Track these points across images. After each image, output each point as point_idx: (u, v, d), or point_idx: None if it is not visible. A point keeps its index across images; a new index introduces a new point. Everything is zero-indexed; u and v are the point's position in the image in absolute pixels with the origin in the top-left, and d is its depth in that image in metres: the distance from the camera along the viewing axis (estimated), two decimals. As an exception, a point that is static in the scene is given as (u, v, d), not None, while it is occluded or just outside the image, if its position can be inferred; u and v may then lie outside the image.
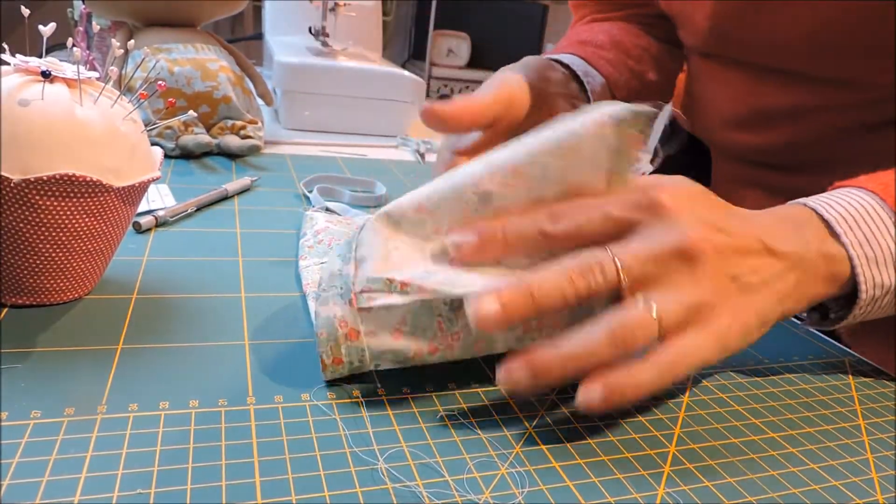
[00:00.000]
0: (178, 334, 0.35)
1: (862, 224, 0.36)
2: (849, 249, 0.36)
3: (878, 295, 0.36)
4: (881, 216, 0.36)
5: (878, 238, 0.36)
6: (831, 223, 0.36)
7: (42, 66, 0.34)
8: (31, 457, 0.26)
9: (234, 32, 2.68)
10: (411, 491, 0.26)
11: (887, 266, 0.36)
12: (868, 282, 0.36)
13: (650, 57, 0.63)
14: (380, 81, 0.90)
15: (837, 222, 0.36)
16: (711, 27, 0.53)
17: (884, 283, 0.36)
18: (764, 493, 0.29)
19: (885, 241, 0.36)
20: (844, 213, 0.36)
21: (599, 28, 0.64)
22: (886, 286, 0.36)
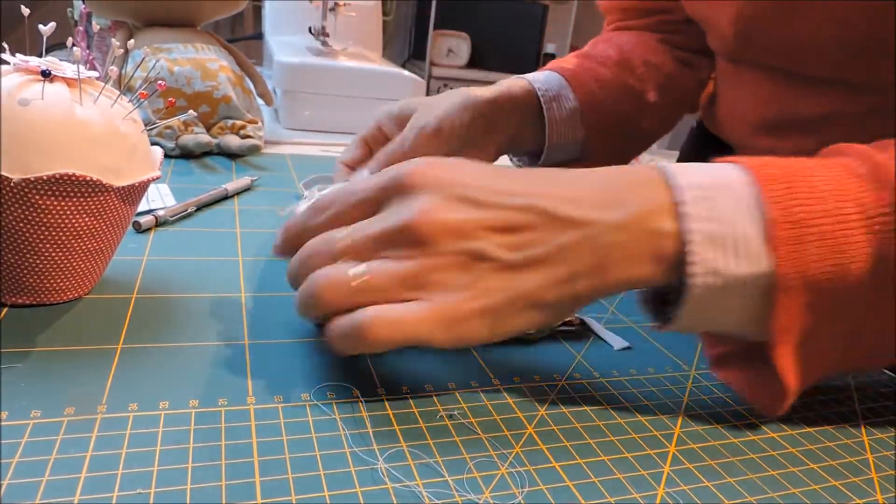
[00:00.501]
0: (178, 334, 0.35)
1: (715, 196, 0.30)
2: (688, 222, 0.30)
3: (716, 284, 0.30)
4: (744, 193, 0.30)
5: (728, 216, 0.30)
6: (676, 190, 0.31)
7: (42, 65, 0.34)
8: (30, 456, 0.26)
9: (234, 32, 2.68)
10: (411, 491, 0.26)
11: (736, 251, 0.29)
12: (703, 264, 0.29)
13: (661, 75, 0.62)
14: (380, 81, 0.90)
15: (685, 190, 0.31)
16: (736, 32, 0.52)
17: (722, 271, 0.29)
18: (764, 493, 0.29)
19: (741, 222, 0.30)
20: (699, 181, 0.31)
21: (618, 40, 0.64)
22: (729, 276, 0.29)
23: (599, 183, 0.32)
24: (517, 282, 0.30)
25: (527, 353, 0.38)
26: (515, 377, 0.36)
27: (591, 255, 0.30)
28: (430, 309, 0.29)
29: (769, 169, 0.31)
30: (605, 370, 0.37)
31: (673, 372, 0.38)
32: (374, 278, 0.30)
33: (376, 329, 0.29)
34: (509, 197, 0.31)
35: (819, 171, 0.31)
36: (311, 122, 0.89)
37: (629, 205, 0.31)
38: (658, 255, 0.30)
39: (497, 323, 0.30)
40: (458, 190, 0.31)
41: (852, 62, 0.47)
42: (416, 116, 0.50)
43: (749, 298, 0.30)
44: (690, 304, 0.30)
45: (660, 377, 0.37)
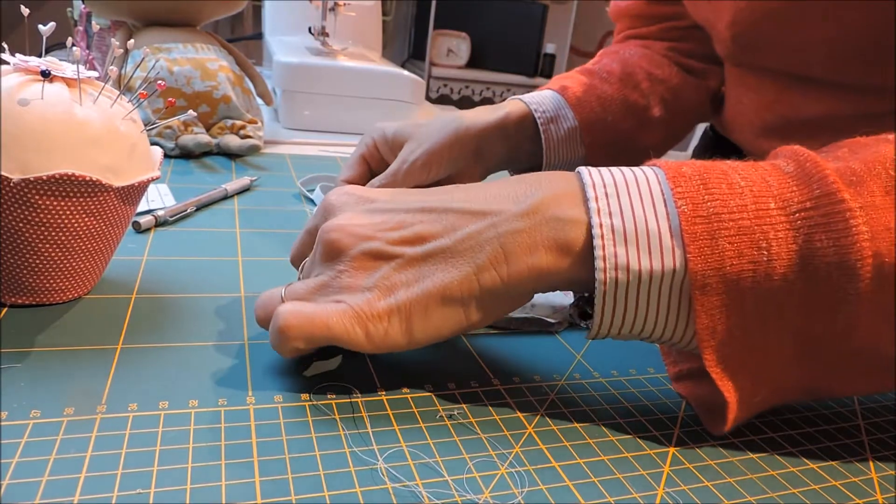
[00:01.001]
0: (178, 334, 0.35)
1: (623, 193, 0.30)
2: (592, 216, 0.29)
3: (625, 280, 0.29)
4: (652, 190, 0.30)
5: (636, 210, 0.29)
6: (585, 186, 0.31)
7: (42, 65, 0.34)
8: (30, 456, 0.25)
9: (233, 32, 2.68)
10: (411, 491, 0.26)
11: (645, 247, 0.29)
12: (608, 259, 0.29)
13: (666, 89, 0.61)
14: (379, 81, 0.90)
15: (593, 186, 0.30)
16: (733, 36, 0.52)
17: (630, 266, 0.29)
18: (764, 493, 0.29)
19: (648, 216, 0.29)
20: (609, 179, 0.31)
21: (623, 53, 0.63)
22: (635, 271, 0.29)
23: (509, 183, 0.33)
24: (419, 277, 0.31)
25: (527, 353, 0.38)
26: (515, 377, 0.36)
27: (492, 245, 0.30)
28: (340, 307, 0.31)
29: (682, 168, 0.30)
30: (604, 370, 0.37)
31: (673, 372, 0.38)
32: (297, 289, 0.33)
33: (290, 321, 0.30)
34: (410, 202, 0.33)
35: (741, 170, 0.30)
36: (311, 122, 0.89)
37: (533, 195, 0.31)
38: (561, 242, 0.30)
39: (410, 324, 0.31)
40: (365, 205, 0.34)
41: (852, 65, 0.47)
42: (408, 148, 0.51)
43: (665, 298, 0.29)
44: (602, 302, 0.30)
45: (659, 377, 0.37)
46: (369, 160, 0.54)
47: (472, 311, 0.31)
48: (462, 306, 0.31)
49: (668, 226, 0.29)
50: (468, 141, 0.52)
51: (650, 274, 0.29)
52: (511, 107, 0.55)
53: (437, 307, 0.31)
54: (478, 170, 0.54)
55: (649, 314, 0.30)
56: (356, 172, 0.54)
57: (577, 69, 0.63)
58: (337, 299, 0.31)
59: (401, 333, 0.31)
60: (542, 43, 3.23)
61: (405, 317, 0.31)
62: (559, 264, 0.30)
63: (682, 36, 0.65)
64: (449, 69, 3.08)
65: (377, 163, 0.53)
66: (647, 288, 0.29)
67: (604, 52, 0.66)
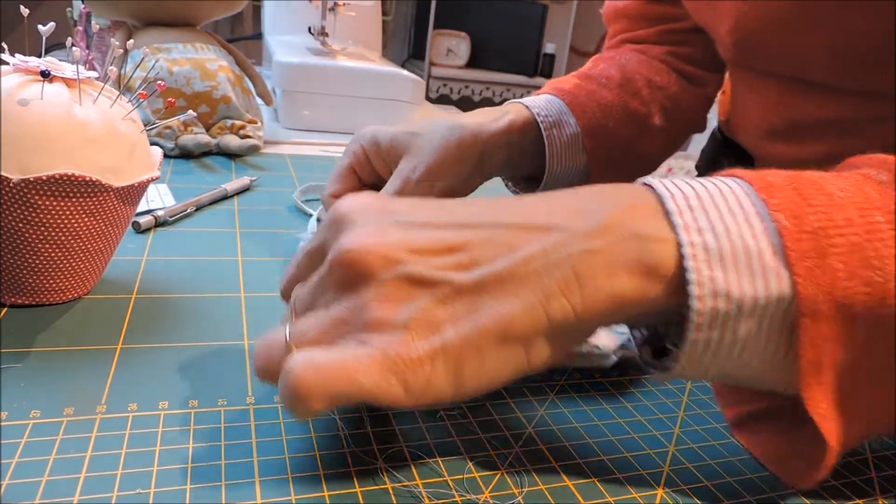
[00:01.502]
0: (178, 334, 0.35)
1: (711, 207, 0.25)
2: (679, 233, 0.25)
3: (725, 310, 0.24)
4: (742, 202, 0.25)
5: (730, 227, 0.25)
6: (664, 198, 0.26)
7: (41, 65, 0.34)
8: (30, 456, 0.25)
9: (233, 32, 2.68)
10: (411, 491, 0.26)
11: (739, 269, 0.24)
12: (705, 284, 0.24)
13: (665, 97, 0.60)
14: (379, 81, 0.90)
15: (673, 198, 0.26)
16: (734, 41, 0.51)
17: (731, 293, 0.24)
18: (763, 492, 0.29)
19: (742, 234, 0.25)
20: (690, 191, 0.26)
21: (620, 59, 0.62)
22: (736, 298, 0.24)
23: (565, 195, 0.28)
24: (471, 311, 0.25)
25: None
26: (515, 377, 0.36)
27: (562, 268, 0.25)
28: (370, 353, 0.24)
29: (770, 178, 0.26)
30: (605, 370, 0.37)
31: (673, 372, 0.38)
32: (307, 329, 0.26)
33: (306, 378, 0.23)
34: (449, 214, 0.27)
35: (832, 180, 0.26)
36: (311, 122, 0.89)
37: (604, 208, 0.26)
38: (646, 264, 0.25)
39: (460, 370, 0.24)
40: (388, 217, 0.27)
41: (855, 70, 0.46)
42: (409, 164, 0.46)
43: (765, 329, 0.25)
44: (694, 338, 0.25)
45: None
46: (359, 171, 0.49)
47: (535, 350, 0.25)
48: (524, 345, 0.25)
49: (768, 243, 0.24)
50: (473, 151, 0.49)
51: (753, 301, 0.24)
52: (515, 112, 0.53)
53: (493, 348, 0.25)
54: (479, 179, 0.52)
55: (745, 349, 0.25)
56: (344, 186, 0.48)
57: (574, 74, 0.61)
58: (362, 340, 0.25)
59: (447, 382, 0.24)
60: (542, 43, 3.23)
61: (453, 361, 0.24)
62: (644, 290, 0.25)
63: (681, 40, 0.64)
64: (449, 69, 3.08)
65: (368, 174, 0.49)
66: (746, 318, 0.24)
67: (599, 58, 0.64)
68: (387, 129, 0.48)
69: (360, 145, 0.48)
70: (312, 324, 0.26)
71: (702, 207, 0.25)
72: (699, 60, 0.63)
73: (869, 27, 0.43)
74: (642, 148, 0.59)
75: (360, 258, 0.25)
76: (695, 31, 0.62)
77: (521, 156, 0.54)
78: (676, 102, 0.61)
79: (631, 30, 0.67)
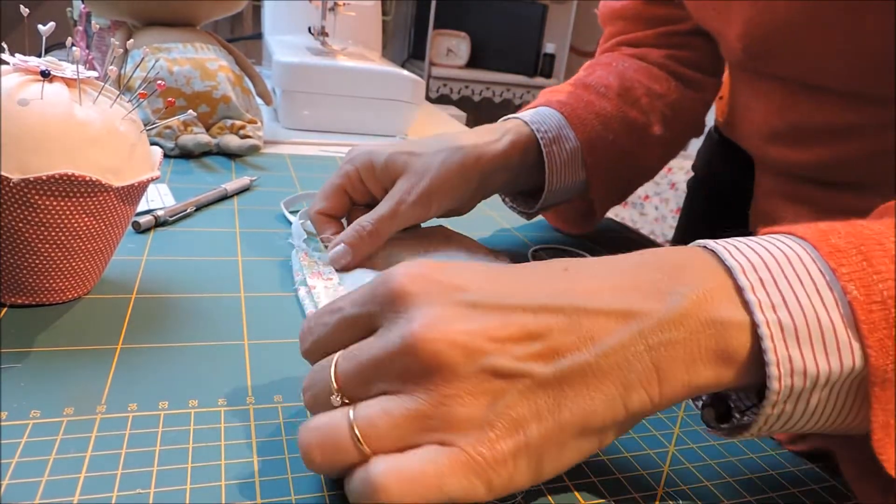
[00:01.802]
0: (178, 334, 0.35)
1: (780, 277, 0.25)
2: (754, 312, 0.25)
3: (801, 387, 0.24)
4: (810, 270, 0.25)
5: (802, 301, 0.24)
6: (734, 272, 0.25)
7: (41, 65, 0.34)
8: (30, 456, 0.25)
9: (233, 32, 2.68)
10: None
11: (814, 345, 0.24)
12: (783, 363, 0.24)
13: (665, 105, 0.59)
14: (379, 81, 0.90)
15: (744, 271, 0.25)
16: (744, 46, 0.51)
17: (807, 370, 0.24)
18: (764, 492, 0.29)
19: (814, 308, 0.24)
20: (757, 260, 0.26)
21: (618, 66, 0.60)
22: (813, 375, 0.24)
23: (633, 267, 0.27)
24: (554, 406, 0.24)
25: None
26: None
27: (642, 361, 0.25)
28: (453, 457, 0.24)
29: (832, 239, 0.26)
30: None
31: (672, 372, 0.38)
32: (380, 423, 0.24)
33: (389, 487, 0.23)
34: (524, 296, 0.26)
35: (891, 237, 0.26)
36: (311, 122, 0.89)
37: (680, 290, 0.25)
38: (724, 352, 0.25)
39: (540, 463, 0.25)
40: (459, 296, 0.26)
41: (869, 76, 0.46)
42: (406, 184, 0.45)
43: (834, 397, 0.25)
44: (769, 413, 0.25)
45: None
46: (350, 192, 0.47)
47: (608, 436, 0.26)
48: (600, 434, 0.25)
49: (839, 316, 0.24)
50: (475, 174, 0.48)
51: (828, 376, 0.24)
52: (515, 132, 0.52)
53: (573, 440, 0.25)
54: (478, 199, 0.51)
55: (815, 413, 0.26)
56: (334, 204, 0.47)
57: (570, 82, 0.60)
58: (444, 441, 0.24)
59: (528, 478, 0.25)
60: (542, 43, 3.23)
61: (535, 457, 0.24)
62: (721, 377, 0.25)
63: (680, 43, 0.62)
64: (449, 69, 3.08)
65: (359, 194, 0.48)
66: (820, 390, 0.25)
67: (595, 64, 0.63)
68: (382, 149, 0.47)
69: (353, 167, 0.47)
70: (382, 416, 0.24)
71: (772, 279, 0.25)
72: (698, 64, 0.62)
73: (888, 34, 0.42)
74: (642, 158, 0.58)
75: (439, 350, 0.24)
76: (694, 33, 0.61)
77: (522, 174, 0.53)
78: (676, 110, 0.60)
79: (628, 31, 0.65)
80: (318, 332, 0.28)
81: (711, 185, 0.72)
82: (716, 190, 0.71)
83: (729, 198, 0.67)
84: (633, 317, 0.25)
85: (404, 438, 0.24)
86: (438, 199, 0.46)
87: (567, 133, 0.54)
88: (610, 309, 0.25)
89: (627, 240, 0.64)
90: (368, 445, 0.24)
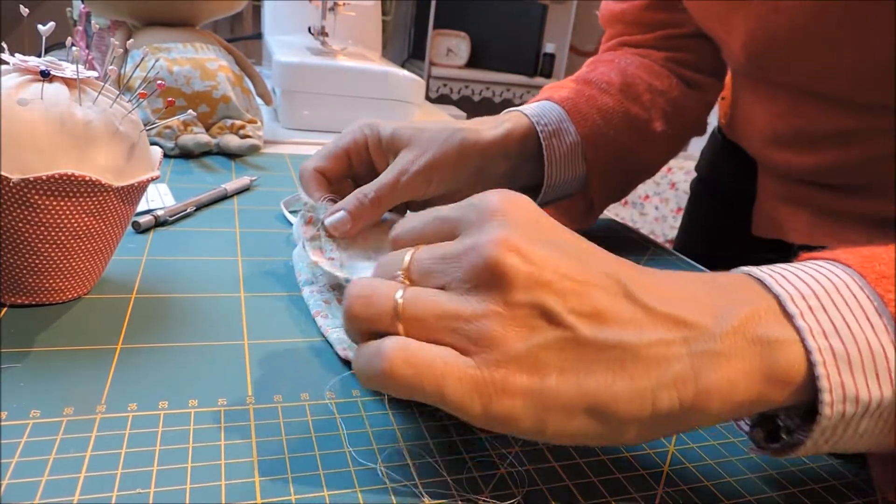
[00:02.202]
0: (178, 334, 0.35)
1: (829, 305, 0.25)
2: (805, 338, 0.24)
3: (852, 413, 0.24)
4: (858, 298, 0.25)
5: (852, 329, 0.24)
6: (783, 300, 0.25)
7: (41, 65, 0.34)
8: (30, 456, 0.25)
9: (233, 32, 2.68)
10: (411, 491, 0.26)
11: (866, 372, 0.24)
12: (835, 390, 0.24)
13: (667, 102, 0.58)
14: (379, 81, 0.90)
15: (792, 299, 0.25)
16: (747, 55, 0.51)
17: (860, 397, 0.24)
18: (763, 492, 0.29)
19: (865, 334, 0.24)
20: (805, 288, 0.25)
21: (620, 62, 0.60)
22: (864, 402, 0.24)
23: (682, 281, 0.27)
24: (581, 368, 0.24)
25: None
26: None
27: (682, 362, 0.25)
28: (465, 367, 0.24)
29: (878, 266, 0.26)
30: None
31: (672, 372, 0.38)
32: (421, 306, 0.26)
33: (395, 364, 0.24)
34: (593, 257, 0.27)
35: None
36: (311, 122, 0.89)
37: (731, 310, 0.25)
38: (771, 372, 0.25)
39: (544, 417, 0.24)
40: (545, 235, 0.27)
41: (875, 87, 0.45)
42: (408, 156, 0.45)
43: (883, 421, 0.25)
44: (816, 435, 0.25)
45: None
46: (353, 157, 0.48)
47: (627, 431, 0.25)
48: (618, 424, 0.25)
49: (889, 341, 0.24)
50: (473, 157, 0.48)
51: (879, 401, 0.24)
52: (513, 121, 0.52)
53: (585, 414, 0.24)
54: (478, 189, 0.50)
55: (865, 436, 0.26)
56: (333, 166, 0.47)
57: (572, 78, 0.60)
58: (467, 350, 0.25)
59: (527, 424, 0.25)
60: (542, 43, 3.23)
61: (542, 408, 0.24)
62: (764, 396, 0.25)
63: (681, 46, 0.62)
64: (448, 69, 3.08)
65: (361, 162, 0.48)
66: (871, 415, 0.25)
67: (597, 60, 0.62)
68: (389, 123, 0.48)
69: (362, 133, 0.47)
70: (427, 301, 0.26)
71: (821, 307, 0.25)
72: (699, 66, 0.62)
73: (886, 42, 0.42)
74: (643, 155, 0.58)
75: (510, 263, 0.25)
76: (694, 36, 0.61)
77: (521, 165, 0.53)
78: (677, 107, 0.60)
79: (629, 34, 0.65)
80: (412, 223, 0.30)
81: (714, 186, 0.72)
82: (718, 191, 0.70)
83: (731, 199, 0.67)
84: (683, 324, 0.25)
85: (435, 330, 0.25)
86: (439, 176, 0.46)
87: (567, 127, 0.54)
88: (663, 311, 0.25)
89: (628, 239, 0.64)
90: (401, 321, 0.25)
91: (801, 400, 0.25)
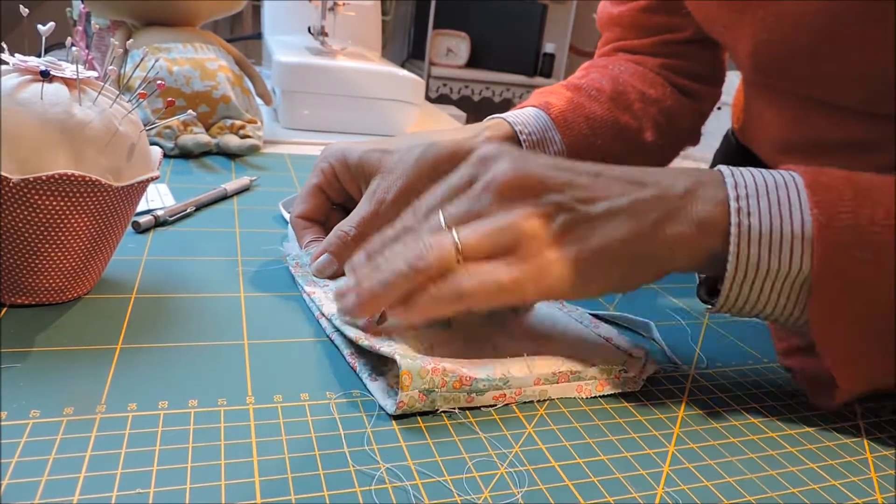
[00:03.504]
0: (178, 334, 0.35)
1: (764, 196, 0.32)
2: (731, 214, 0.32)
3: (753, 278, 0.32)
4: (791, 196, 0.32)
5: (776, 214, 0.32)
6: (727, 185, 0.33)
7: (41, 65, 0.34)
8: (30, 456, 0.25)
9: (233, 32, 2.68)
10: (411, 491, 0.26)
11: (770, 247, 0.32)
12: (742, 256, 0.32)
13: (659, 112, 0.58)
14: (379, 81, 0.90)
15: (735, 187, 0.33)
16: (754, 64, 0.51)
17: (759, 265, 0.32)
18: (763, 492, 0.29)
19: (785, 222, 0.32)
20: (750, 180, 0.33)
21: (613, 69, 0.59)
22: (764, 271, 0.32)
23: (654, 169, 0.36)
24: (598, 232, 0.33)
25: (526, 352, 0.38)
26: (515, 377, 0.36)
27: (660, 211, 0.33)
28: (521, 268, 0.32)
29: (822, 177, 0.33)
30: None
31: (673, 372, 0.38)
32: (474, 240, 0.33)
33: (478, 295, 0.32)
34: (580, 166, 0.35)
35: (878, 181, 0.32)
36: (311, 122, 0.89)
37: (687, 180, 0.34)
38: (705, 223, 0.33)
39: (579, 278, 0.33)
40: (534, 157, 0.36)
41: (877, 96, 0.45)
42: (382, 183, 0.43)
43: (786, 292, 0.33)
44: (729, 288, 0.33)
45: (660, 377, 0.37)
46: (327, 190, 0.47)
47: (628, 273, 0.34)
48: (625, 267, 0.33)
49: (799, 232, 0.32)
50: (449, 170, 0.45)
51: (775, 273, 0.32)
52: (494, 129, 0.51)
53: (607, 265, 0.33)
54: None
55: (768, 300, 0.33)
56: (311, 205, 0.47)
57: (562, 83, 0.59)
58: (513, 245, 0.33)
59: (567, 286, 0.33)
60: (542, 43, 3.23)
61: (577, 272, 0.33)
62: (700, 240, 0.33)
63: (678, 52, 0.61)
64: (448, 69, 3.08)
65: (336, 192, 0.47)
66: (769, 281, 0.32)
67: (591, 66, 0.62)
68: (356, 147, 0.46)
69: (328, 164, 0.46)
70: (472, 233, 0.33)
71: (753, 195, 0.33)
72: (695, 74, 0.61)
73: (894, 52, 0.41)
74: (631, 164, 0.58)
75: (523, 178, 0.34)
76: (692, 42, 0.60)
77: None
78: (670, 117, 0.59)
79: (625, 38, 0.64)
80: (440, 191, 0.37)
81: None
82: None
83: None
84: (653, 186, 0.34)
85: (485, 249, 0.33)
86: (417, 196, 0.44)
87: (553, 135, 0.53)
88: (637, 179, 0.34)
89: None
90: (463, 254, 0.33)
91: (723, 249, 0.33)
